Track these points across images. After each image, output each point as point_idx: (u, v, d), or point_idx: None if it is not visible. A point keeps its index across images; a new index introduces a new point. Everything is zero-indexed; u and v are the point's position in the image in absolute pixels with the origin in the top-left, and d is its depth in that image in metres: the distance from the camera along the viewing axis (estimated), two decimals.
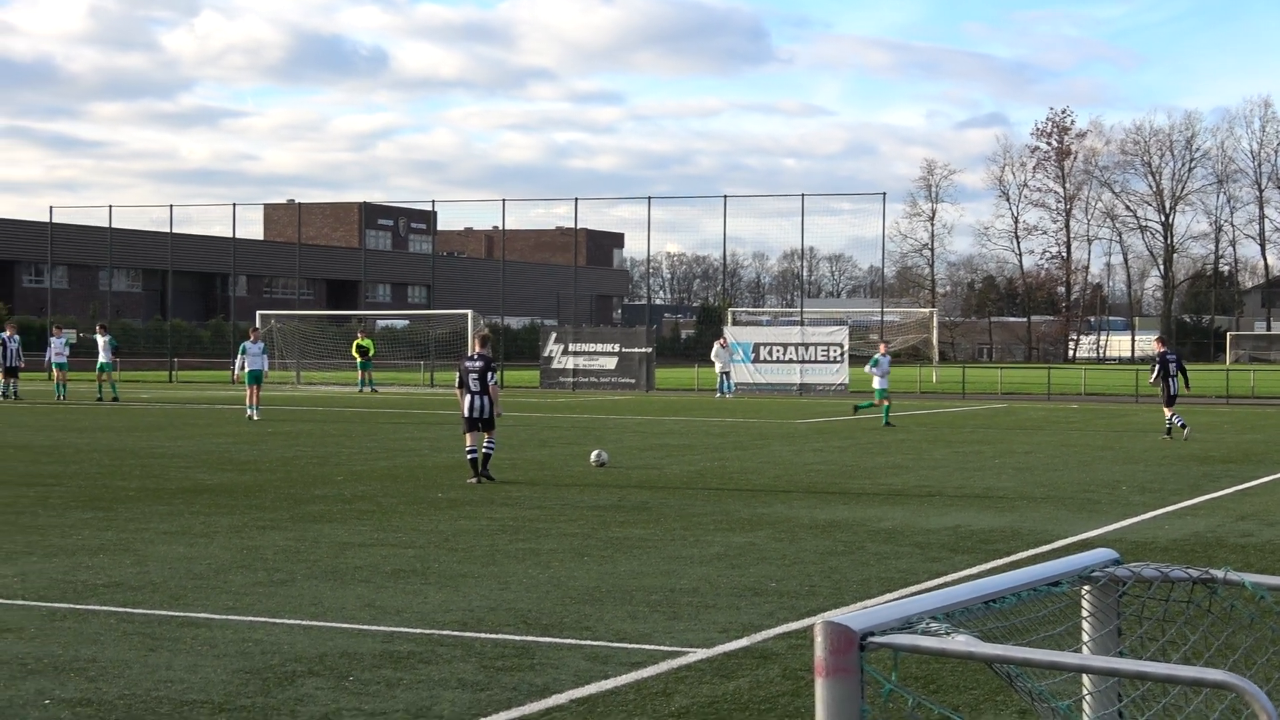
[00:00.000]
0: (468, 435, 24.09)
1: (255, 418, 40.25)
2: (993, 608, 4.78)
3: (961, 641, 4.16)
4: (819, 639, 4.07)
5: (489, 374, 24.21)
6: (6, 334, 52.39)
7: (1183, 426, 35.48)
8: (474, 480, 23.38)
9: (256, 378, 41.51)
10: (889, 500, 21.61)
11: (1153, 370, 37.28)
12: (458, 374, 24.65)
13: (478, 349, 24.85)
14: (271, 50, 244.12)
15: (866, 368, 41.69)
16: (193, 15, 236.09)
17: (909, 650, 4.15)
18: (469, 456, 23.93)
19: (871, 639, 4.12)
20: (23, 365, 52.62)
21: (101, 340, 53.91)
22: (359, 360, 65.07)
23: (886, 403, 40.66)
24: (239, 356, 41.95)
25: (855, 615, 4.13)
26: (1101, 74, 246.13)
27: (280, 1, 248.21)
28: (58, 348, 54.62)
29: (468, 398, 24.10)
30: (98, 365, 53.76)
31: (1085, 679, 5.16)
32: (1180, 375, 36.41)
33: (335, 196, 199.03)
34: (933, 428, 40.11)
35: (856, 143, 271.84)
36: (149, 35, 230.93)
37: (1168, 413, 36.10)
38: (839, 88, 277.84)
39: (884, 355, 41.93)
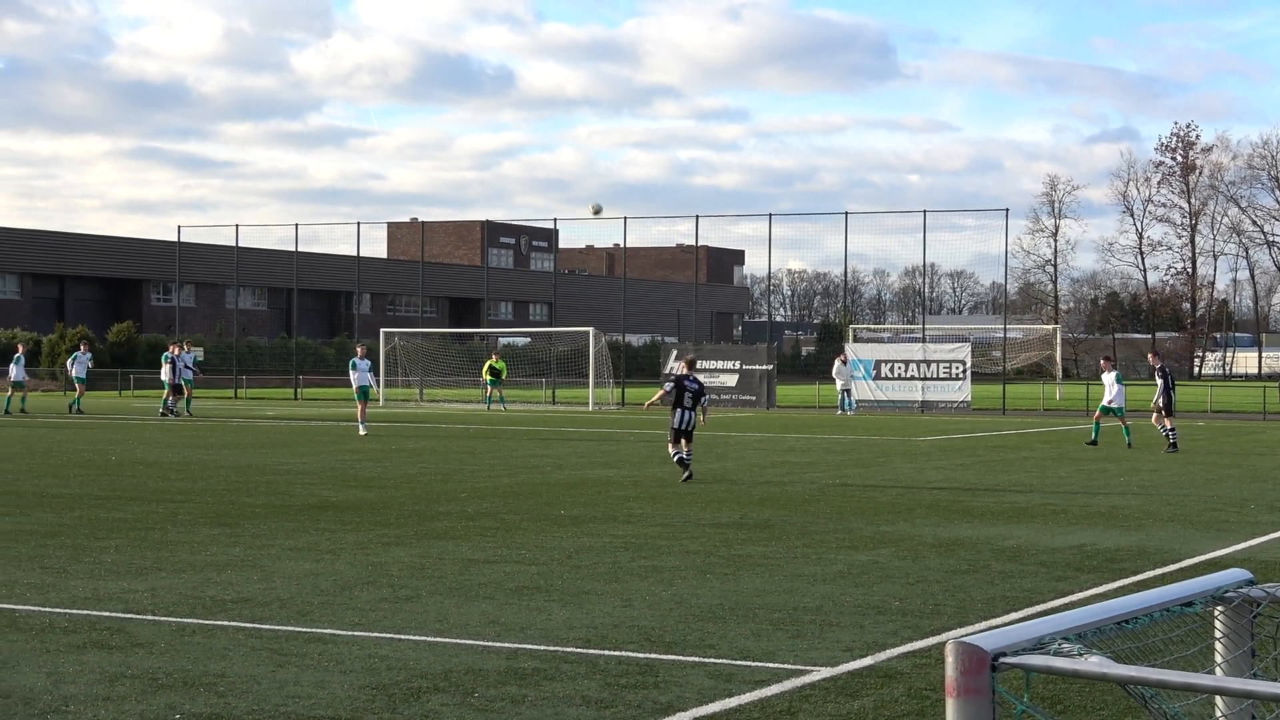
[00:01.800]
0: (671, 445, 27.52)
1: (363, 433, 40.67)
2: (1125, 628, 4.74)
3: (1095, 662, 4.12)
4: (950, 659, 4.05)
5: (703, 395, 28.10)
6: (176, 352, 53.34)
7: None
8: (688, 478, 26.74)
9: (365, 394, 42.03)
10: (1013, 518, 21.44)
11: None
12: (673, 388, 27.98)
13: (689, 371, 28.48)
14: (399, 70, 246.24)
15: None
16: (325, 37, 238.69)
17: (1041, 671, 4.12)
18: (676, 459, 27.26)
19: (1003, 659, 4.09)
20: (183, 382, 53.45)
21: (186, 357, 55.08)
22: (489, 379, 65.42)
23: (1125, 423, 39.66)
24: (351, 373, 42.41)
25: (987, 635, 4.10)
26: (1232, 87, 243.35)
27: (408, 22, 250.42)
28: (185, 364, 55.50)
29: (680, 412, 27.46)
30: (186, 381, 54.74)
31: (1219, 701, 5.09)
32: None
33: (459, 215, 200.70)
34: (1056, 445, 39.74)
35: (981, 158, 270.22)
36: (280, 56, 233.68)
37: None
38: (964, 103, 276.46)
39: (1112, 371, 40.30)
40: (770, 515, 21.49)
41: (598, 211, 69.16)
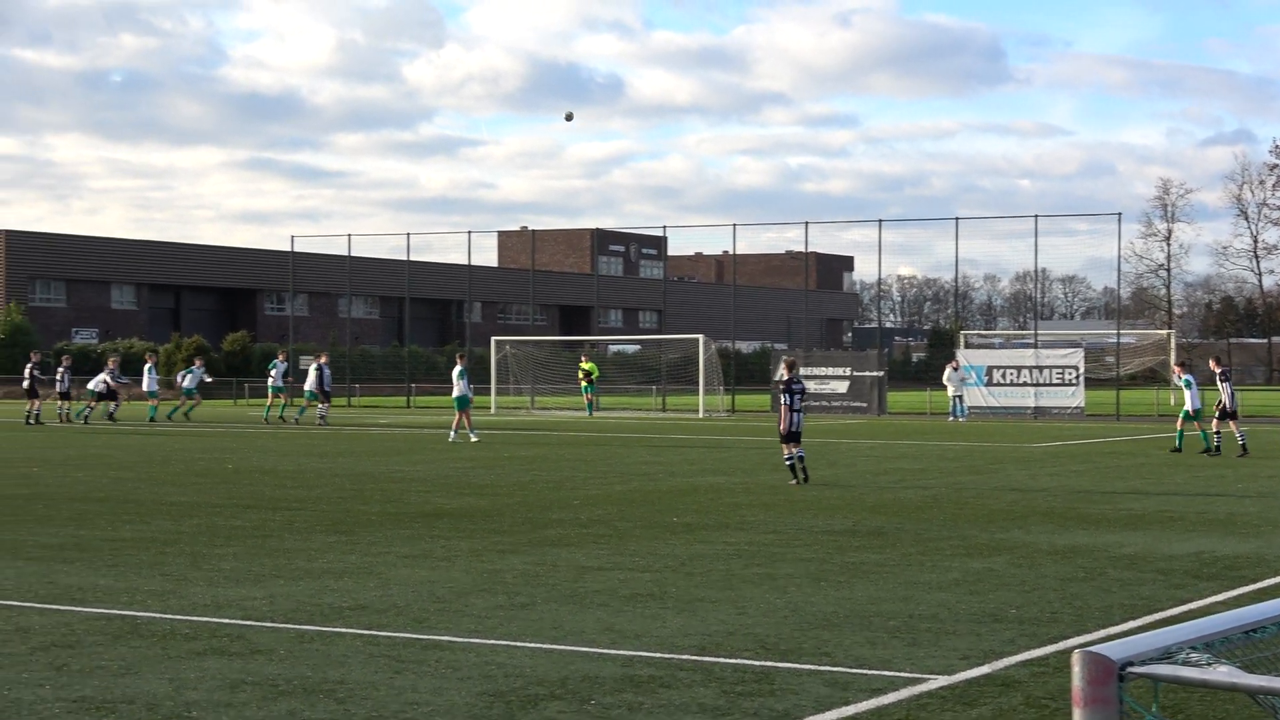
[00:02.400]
0: (785, 446, 28.22)
1: (452, 439, 41.03)
2: (1252, 637, 4.69)
3: (1224, 672, 4.09)
4: (1076, 668, 4.02)
5: (804, 396, 28.68)
6: (321, 360, 54.07)
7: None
8: (795, 483, 27.42)
9: (462, 403, 42.29)
10: (1129, 525, 21.24)
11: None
12: (784, 393, 28.34)
13: (790, 374, 28.73)
14: (509, 79, 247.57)
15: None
16: (437, 47, 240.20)
17: (1170, 681, 4.09)
18: (788, 462, 28.00)
19: (1131, 669, 4.07)
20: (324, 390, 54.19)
21: (282, 367, 55.93)
22: (584, 384, 65.67)
23: (1201, 429, 38.71)
24: (460, 382, 42.64)
25: (1114, 645, 4.08)
26: None
27: (519, 31, 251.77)
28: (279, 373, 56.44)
29: (790, 415, 27.96)
30: (275, 388, 55.47)
31: None
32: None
33: (569, 223, 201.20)
34: (1185, 453, 39.29)
35: (1093, 162, 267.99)
36: (391, 67, 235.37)
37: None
38: (1076, 107, 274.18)
39: (1187, 375, 39.69)
40: (884, 522, 21.41)
41: (569, 117, 70.21)
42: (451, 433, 42.09)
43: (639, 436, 46.32)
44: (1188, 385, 39.21)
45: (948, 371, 63.01)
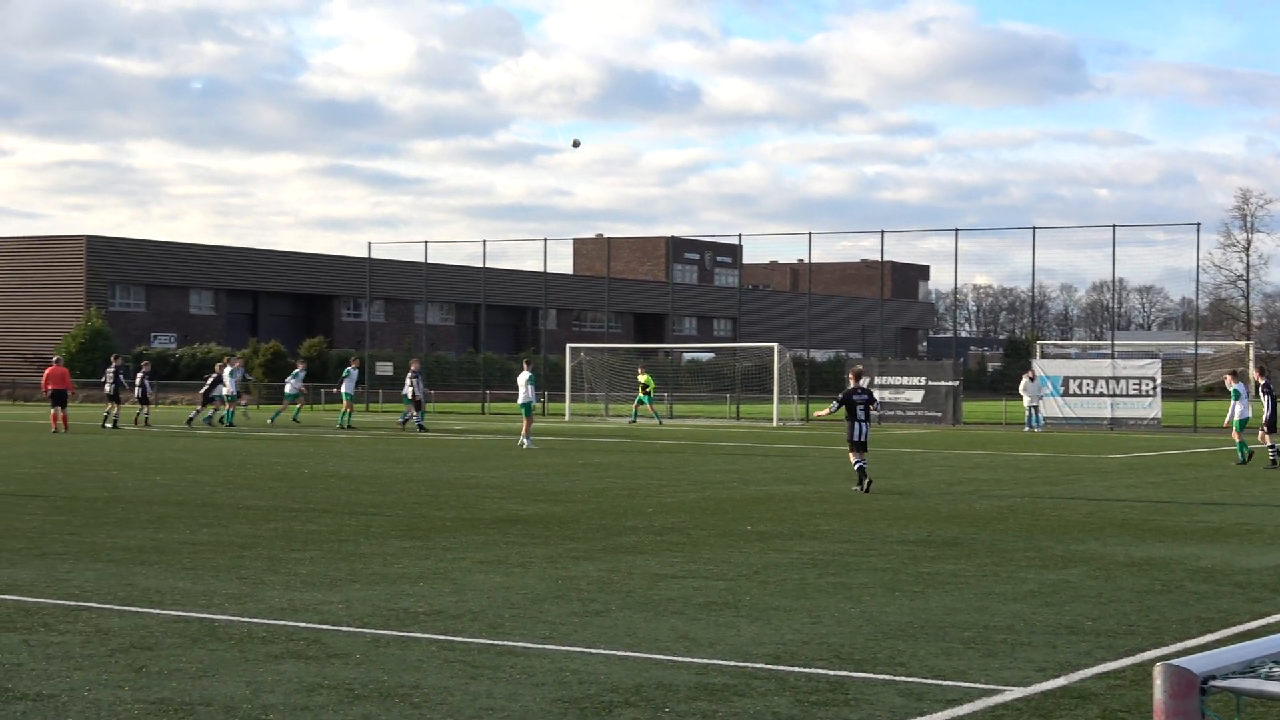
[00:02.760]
0: (852, 455, 28.32)
1: (525, 445, 41.12)
2: None
3: None
4: (1158, 682, 4.01)
5: (873, 404, 29.16)
6: (415, 368, 54.77)
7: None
8: (858, 489, 27.81)
9: (527, 409, 42.47)
10: (1207, 538, 21.07)
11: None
12: (841, 403, 28.61)
13: (856, 383, 28.89)
14: (586, 87, 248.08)
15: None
16: (515, 55, 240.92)
17: (1253, 695, 4.07)
18: (857, 467, 28.10)
19: (1213, 683, 4.05)
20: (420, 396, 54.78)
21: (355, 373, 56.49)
22: (641, 395, 65.80)
23: (1241, 439, 38.73)
24: (529, 388, 42.83)
25: (1196, 659, 4.06)
26: None
27: (596, 39, 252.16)
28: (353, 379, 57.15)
29: (855, 424, 28.31)
30: (347, 395, 56.01)
31: None
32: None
33: (644, 231, 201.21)
34: (1250, 464, 38.97)
35: (1172, 172, 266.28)
36: (469, 74, 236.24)
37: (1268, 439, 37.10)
38: (1155, 116, 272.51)
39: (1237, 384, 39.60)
40: (958, 532, 21.32)
41: (576, 144, 70.30)
42: (525, 440, 42.19)
43: (713, 445, 46.30)
44: (1236, 396, 39.16)
45: (1024, 381, 62.71)
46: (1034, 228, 69.27)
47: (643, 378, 66.36)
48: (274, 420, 56.03)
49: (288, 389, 60.16)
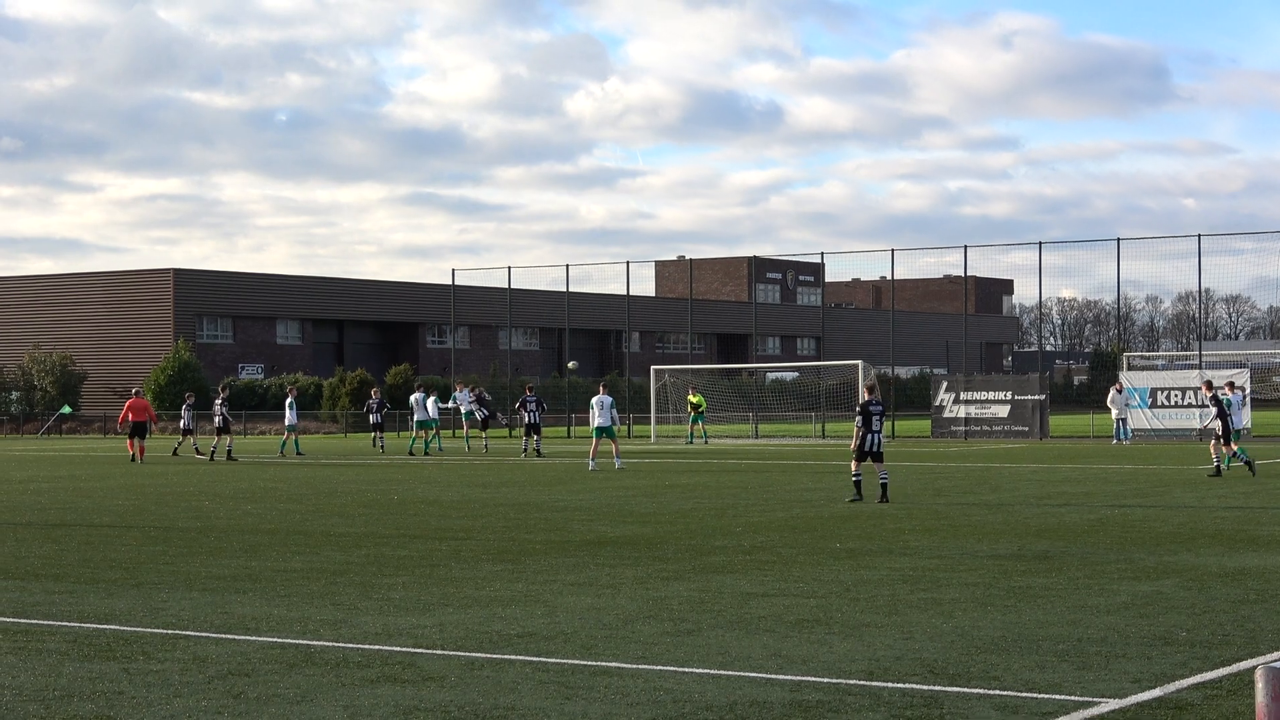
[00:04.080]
0: (855, 464, 29.62)
1: (592, 467, 41.29)
2: None
3: None
4: (1260, 684, 4.02)
5: (882, 417, 29.86)
6: (529, 392, 55.29)
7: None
8: (854, 499, 29.23)
9: (602, 431, 42.66)
10: None
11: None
12: (861, 415, 29.53)
13: (871, 395, 29.85)
14: (669, 110, 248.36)
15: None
16: (601, 80, 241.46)
17: None
18: (856, 480, 29.63)
19: None
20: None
21: (427, 399, 56.86)
22: (693, 415, 65.84)
23: (1230, 448, 38.42)
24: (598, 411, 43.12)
25: None
26: None
27: (678, 62, 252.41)
28: (463, 403, 57.70)
29: (868, 435, 29.28)
30: (419, 423, 56.46)
31: None
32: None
33: (727, 251, 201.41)
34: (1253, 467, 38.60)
35: (1259, 180, 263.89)
36: (552, 100, 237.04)
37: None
38: (1241, 124, 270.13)
39: (1236, 395, 40.93)
40: (1049, 546, 21.23)
41: (573, 369, 70.39)
42: (616, 460, 42.40)
43: (799, 463, 46.23)
44: (1228, 405, 39.43)
45: (1111, 394, 62.37)
46: (1118, 239, 68.99)
47: (694, 398, 66.39)
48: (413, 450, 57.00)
49: (430, 414, 60.46)
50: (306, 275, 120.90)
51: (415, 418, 58.17)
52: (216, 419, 53.49)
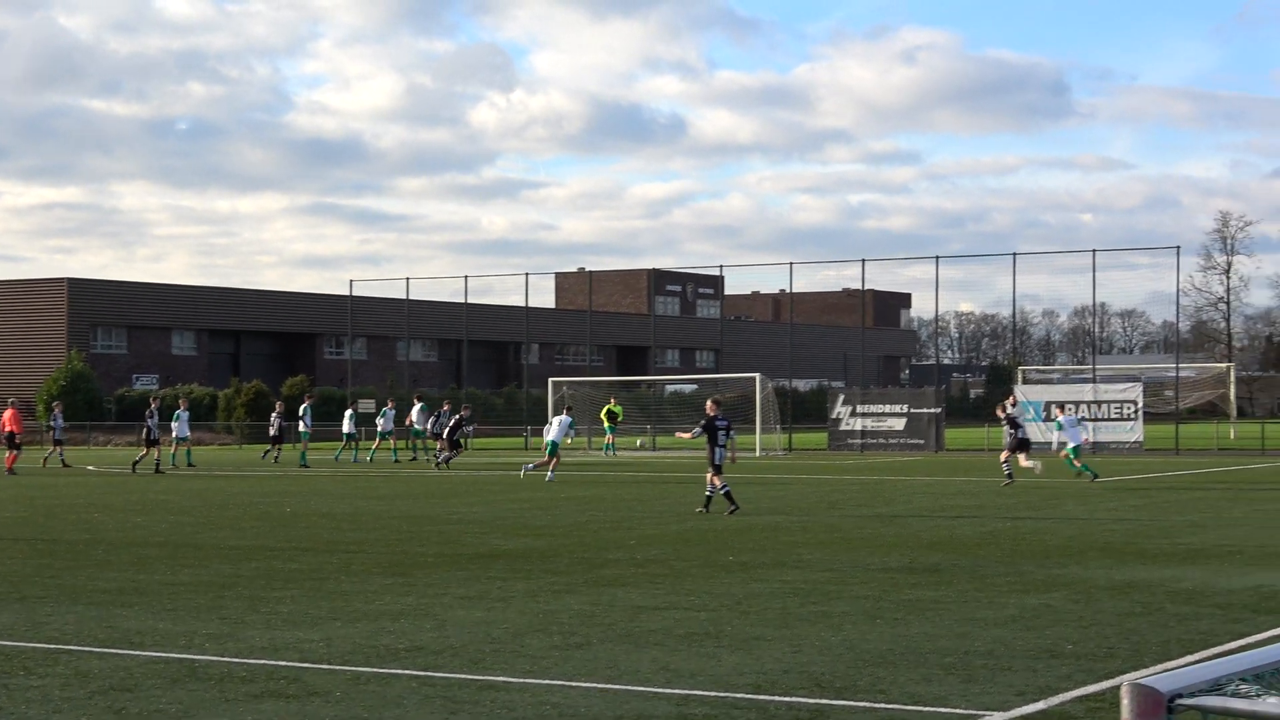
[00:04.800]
0: (715, 478, 30.08)
1: (549, 478, 41.53)
2: None
3: (1273, 703, 4.07)
4: (1126, 701, 4.01)
5: (730, 431, 30.93)
6: (448, 408, 55.98)
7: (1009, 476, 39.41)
8: (703, 511, 29.93)
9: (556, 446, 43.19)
10: (1187, 560, 21.11)
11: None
12: (704, 429, 30.39)
13: (716, 411, 30.74)
14: (572, 121, 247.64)
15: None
16: (508, 91, 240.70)
17: (1219, 712, 4.08)
18: (723, 491, 29.81)
19: (1180, 701, 4.06)
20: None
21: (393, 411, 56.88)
22: (608, 425, 65.96)
23: (1077, 461, 42.33)
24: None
25: (1163, 677, 4.07)
26: None
27: (582, 73, 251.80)
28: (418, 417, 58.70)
29: (715, 449, 30.11)
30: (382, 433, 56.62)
31: None
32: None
33: (628, 263, 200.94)
34: (1231, 485, 39.09)
35: (1156, 196, 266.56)
36: (456, 111, 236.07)
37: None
38: (1139, 140, 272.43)
39: (1067, 416, 45.03)
40: (940, 559, 21.33)
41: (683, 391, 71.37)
42: (550, 474, 42.63)
43: (695, 476, 46.22)
44: (1059, 426, 44.27)
45: (1005, 407, 62.74)
46: (1014, 254, 69.56)
47: (614, 408, 66.47)
48: (371, 460, 58.07)
49: (380, 427, 61.35)
50: (203, 285, 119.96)
51: (380, 429, 59.64)
52: (146, 431, 52.32)
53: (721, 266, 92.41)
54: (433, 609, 16.55)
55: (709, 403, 31.41)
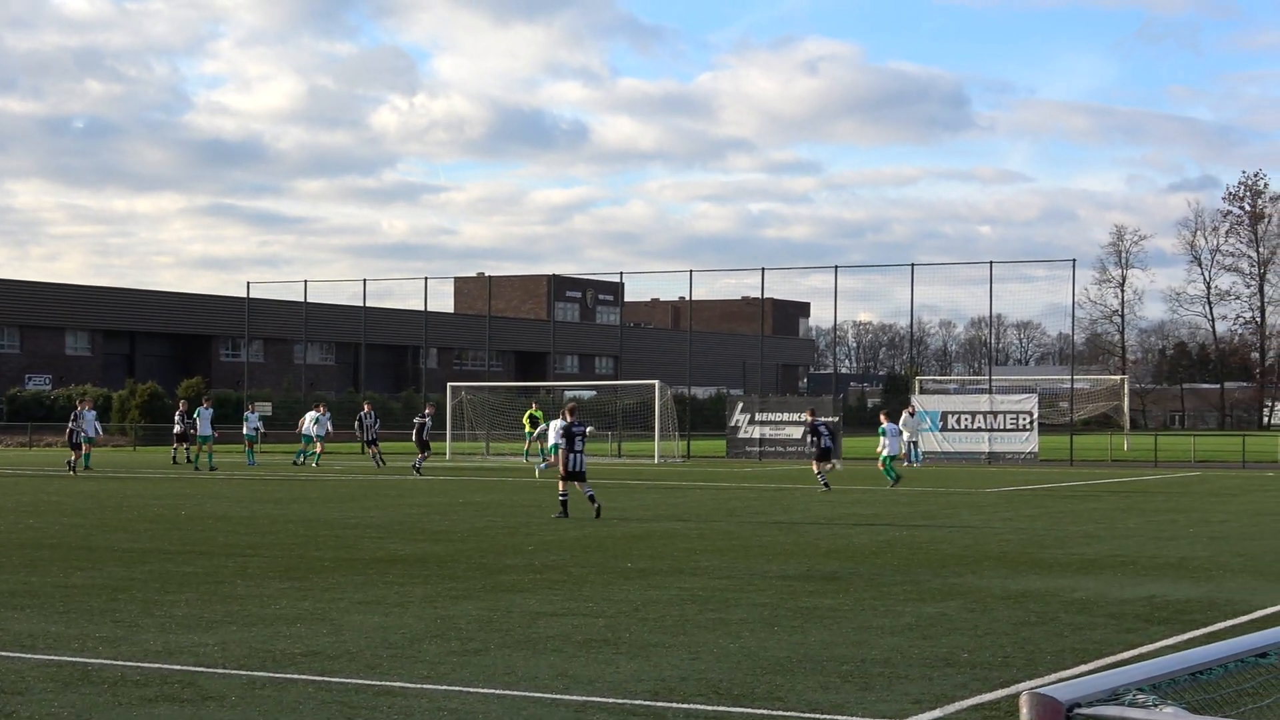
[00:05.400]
0: (566, 484, 30.55)
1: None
2: (1199, 679, 4.72)
3: (1170, 713, 4.11)
4: (1025, 710, 4.04)
5: (585, 437, 31.44)
6: (365, 410, 55.78)
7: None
8: (560, 516, 30.12)
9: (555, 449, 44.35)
10: (1082, 570, 21.31)
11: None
12: (564, 436, 30.64)
13: (573, 418, 30.88)
14: (474, 126, 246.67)
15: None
16: (411, 94, 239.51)
17: None
18: (562, 499, 30.52)
19: (1078, 710, 4.08)
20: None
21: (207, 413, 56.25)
22: (529, 430, 65.74)
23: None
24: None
25: (1061, 686, 4.10)
26: None
27: (485, 78, 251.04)
28: (313, 421, 58.19)
29: (572, 455, 30.35)
30: (201, 438, 55.72)
31: None
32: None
33: (529, 269, 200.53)
34: (1125, 496, 39.51)
35: (1054, 209, 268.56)
36: (357, 113, 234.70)
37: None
38: (1038, 153, 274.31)
39: (890, 424, 46.74)
40: (837, 567, 21.42)
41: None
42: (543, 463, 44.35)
43: (594, 482, 46.17)
44: (883, 433, 45.75)
45: (903, 417, 63.18)
46: (913, 265, 70.03)
47: (535, 412, 66.23)
48: (303, 462, 58.41)
49: (312, 431, 60.69)
50: (98, 285, 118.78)
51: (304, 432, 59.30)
52: (71, 434, 51.51)
53: (621, 273, 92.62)
54: (329, 614, 16.45)
55: (565, 410, 32.09)
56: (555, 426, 45.00)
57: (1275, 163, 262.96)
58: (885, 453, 45.18)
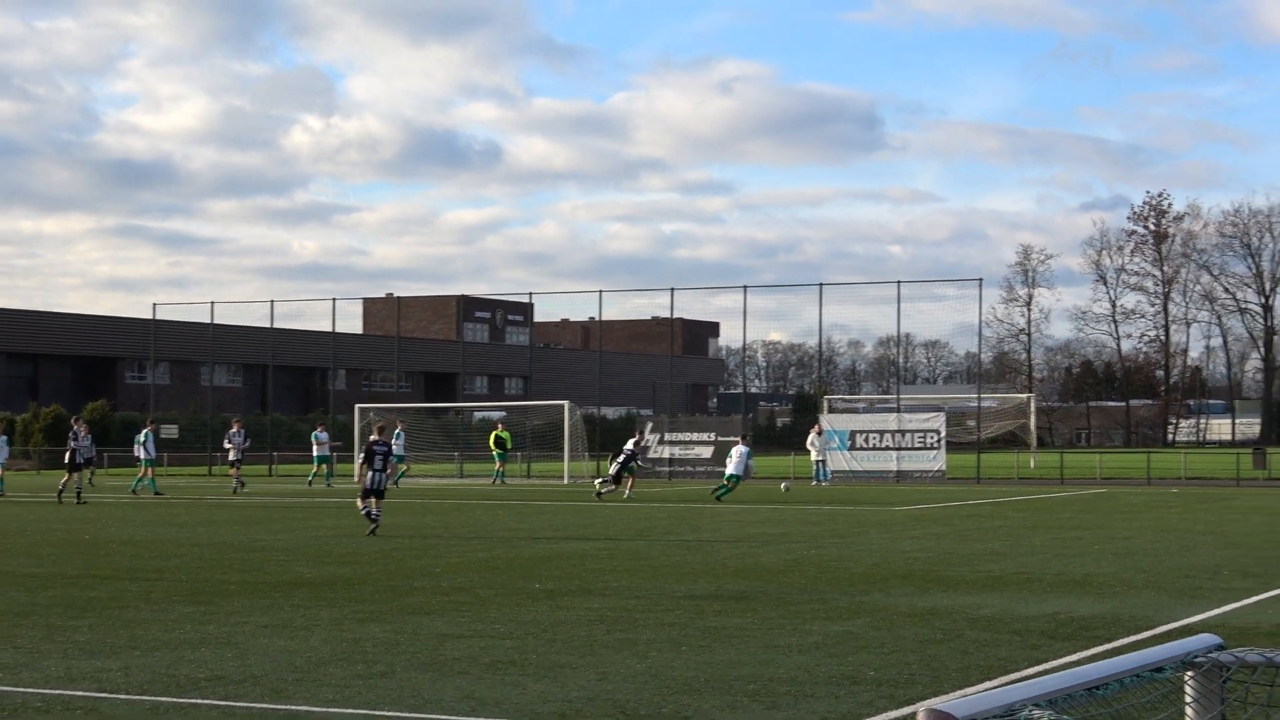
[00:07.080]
0: (361, 501, 31.96)
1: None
2: (1095, 694, 4.76)
3: None
4: None
5: (390, 456, 33.42)
6: (234, 429, 55.41)
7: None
8: (373, 531, 31.23)
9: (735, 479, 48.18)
10: (987, 587, 21.44)
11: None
12: (365, 454, 32.42)
13: (381, 436, 33.03)
14: (387, 146, 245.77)
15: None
16: (328, 115, 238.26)
17: None
18: (365, 512, 31.65)
19: None
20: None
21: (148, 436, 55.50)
22: (496, 452, 65.34)
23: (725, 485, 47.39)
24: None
25: (958, 703, 4.12)
26: (1218, 155, 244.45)
27: (398, 98, 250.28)
28: (238, 442, 57.16)
29: (371, 473, 31.79)
30: (146, 461, 54.57)
31: None
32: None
33: (441, 290, 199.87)
34: (1031, 513, 39.80)
35: (964, 229, 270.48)
36: (269, 134, 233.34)
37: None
38: (948, 173, 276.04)
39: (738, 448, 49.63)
40: (745, 586, 21.46)
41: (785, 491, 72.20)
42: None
43: (502, 503, 46.16)
44: (729, 456, 49.15)
45: (811, 436, 63.47)
46: (821, 284, 70.32)
47: (503, 434, 65.86)
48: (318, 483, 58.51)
49: (318, 451, 60.17)
50: (1, 307, 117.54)
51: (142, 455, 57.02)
52: None
53: (531, 294, 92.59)
54: (234, 637, 16.33)
55: (375, 428, 34.28)
56: (739, 453, 48.71)
57: (1182, 182, 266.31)
58: (728, 471, 48.25)
